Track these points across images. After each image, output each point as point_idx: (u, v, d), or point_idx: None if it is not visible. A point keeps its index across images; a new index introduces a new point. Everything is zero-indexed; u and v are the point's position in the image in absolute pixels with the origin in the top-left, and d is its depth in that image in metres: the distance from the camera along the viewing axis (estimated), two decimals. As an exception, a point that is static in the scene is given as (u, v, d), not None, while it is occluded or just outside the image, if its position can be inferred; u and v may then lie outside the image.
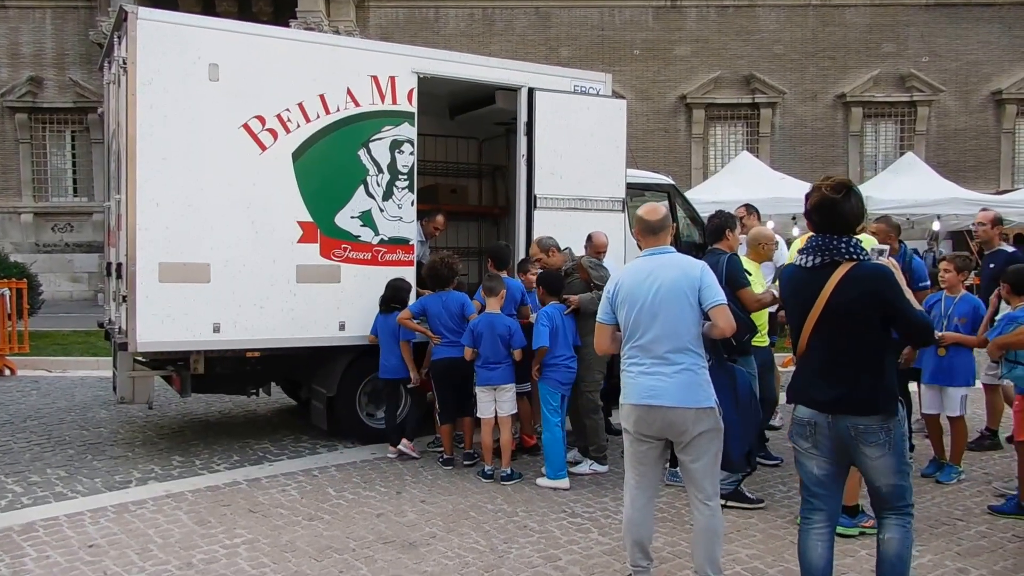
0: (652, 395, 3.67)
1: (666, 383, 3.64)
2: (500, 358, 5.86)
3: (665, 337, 3.67)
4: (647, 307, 3.71)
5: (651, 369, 3.69)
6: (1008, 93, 20.71)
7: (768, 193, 12.69)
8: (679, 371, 3.64)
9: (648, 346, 3.71)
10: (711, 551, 3.71)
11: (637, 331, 3.74)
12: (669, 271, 3.73)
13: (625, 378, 3.82)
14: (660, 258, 3.81)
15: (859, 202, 3.36)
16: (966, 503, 5.24)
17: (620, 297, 3.82)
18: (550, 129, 6.91)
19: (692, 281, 3.67)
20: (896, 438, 3.25)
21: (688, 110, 20.29)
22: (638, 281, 3.77)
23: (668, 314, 3.67)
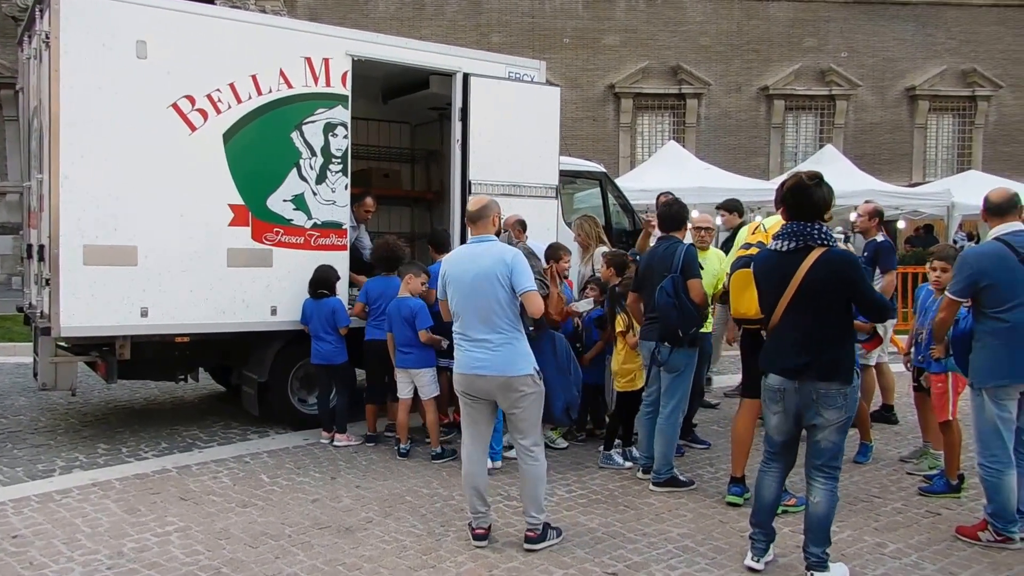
0: (478, 366, 4.25)
1: (489, 355, 4.22)
2: (411, 342, 5.94)
3: (488, 314, 4.22)
4: (466, 290, 4.26)
5: (475, 344, 4.26)
6: (921, 89, 21.62)
7: (694, 182, 12.97)
8: (498, 345, 4.22)
9: (471, 324, 4.26)
10: (535, 494, 4.33)
11: (461, 311, 4.31)
12: (485, 259, 4.25)
13: (457, 351, 4.37)
14: (480, 246, 4.33)
15: (829, 193, 3.84)
16: (882, 481, 5.52)
17: (448, 279, 4.37)
18: (485, 115, 6.91)
19: (504, 268, 4.19)
20: (851, 403, 3.80)
21: (616, 99, 20.53)
22: (460, 267, 4.33)
23: (485, 296, 4.21)
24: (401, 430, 6.07)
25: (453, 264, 4.42)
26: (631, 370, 5.73)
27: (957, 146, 22.28)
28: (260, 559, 4.14)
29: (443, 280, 4.41)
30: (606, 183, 8.87)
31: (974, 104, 22.00)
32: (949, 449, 5.20)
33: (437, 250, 6.70)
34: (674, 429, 5.34)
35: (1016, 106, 22.13)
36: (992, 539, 4.36)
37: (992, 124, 22.09)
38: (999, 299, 4.29)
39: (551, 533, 4.38)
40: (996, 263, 4.32)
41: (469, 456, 4.42)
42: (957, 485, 5.17)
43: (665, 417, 5.27)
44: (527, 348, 4.32)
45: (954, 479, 5.17)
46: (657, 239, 5.57)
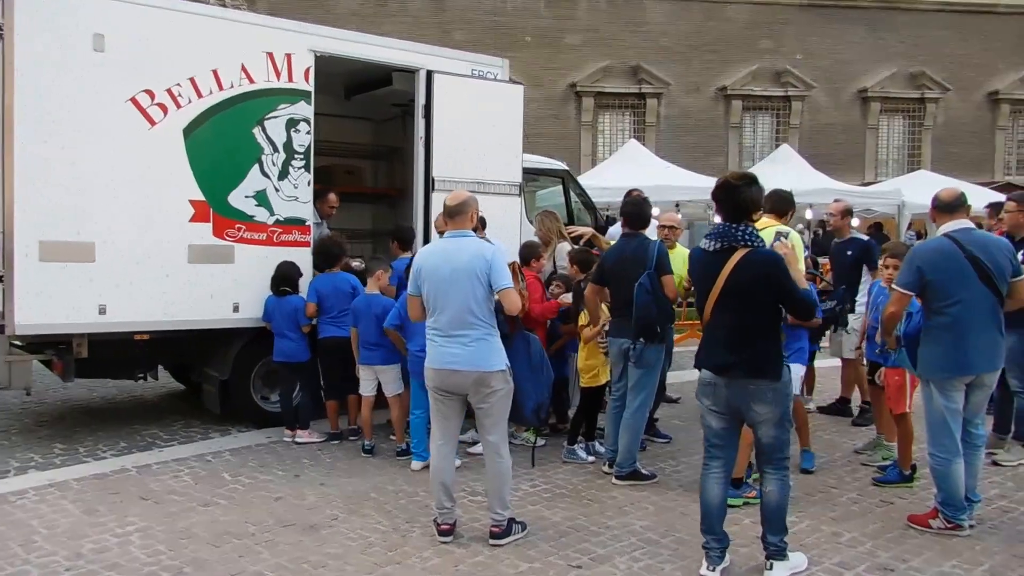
0: (452, 361, 4.25)
1: (463, 351, 4.22)
2: (378, 339, 5.94)
3: (459, 311, 4.21)
4: (444, 285, 4.24)
5: (450, 339, 4.25)
6: (873, 91, 22.11)
7: (654, 181, 13.09)
8: (473, 341, 4.22)
9: (448, 318, 4.25)
10: (500, 491, 4.36)
11: (437, 305, 4.28)
12: (463, 254, 4.24)
13: (430, 346, 4.36)
14: (458, 241, 4.32)
15: (758, 194, 3.90)
16: (838, 472, 5.66)
17: (422, 275, 4.33)
18: (449, 112, 6.91)
19: (483, 264, 4.20)
20: (782, 397, 3.81)
21: (578, 98, 20.64)
22: (436, 262, 4.31)
23: (462, 292, 4.20)
24: (366, 427, 6.06)
25: (429, 259, 4.39)
26: (594, 366, 5.78)
27: (907, 147, 22.84)
28: (223, 558, 4.11)
29: (417, 275, 4.38)
30: (569, 181, 8.93)
31: (923, 106, 22.57)
32: (902, 440, 5.34)
33: (402, 247, 6.72)
34: (640, 423, 5.42)
35: (962, 108, 22.76)
36: (942, 526, 4.50)
37: (940, 126, 22.68)
38: (945, 293, 4.42)
39: (516, 528, 4.41)
40: (943, 258, 4.45)
41: (439, 450, 4.44)
42: (910, 475, 5.32)
43: (632, 411, 5.34)
44: (500, 345, 4.34)
45: (907, 469, 5.33)
46: (622, 236, 5.61)
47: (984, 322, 4.44)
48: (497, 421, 4.36)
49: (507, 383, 4.33)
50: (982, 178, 20.29)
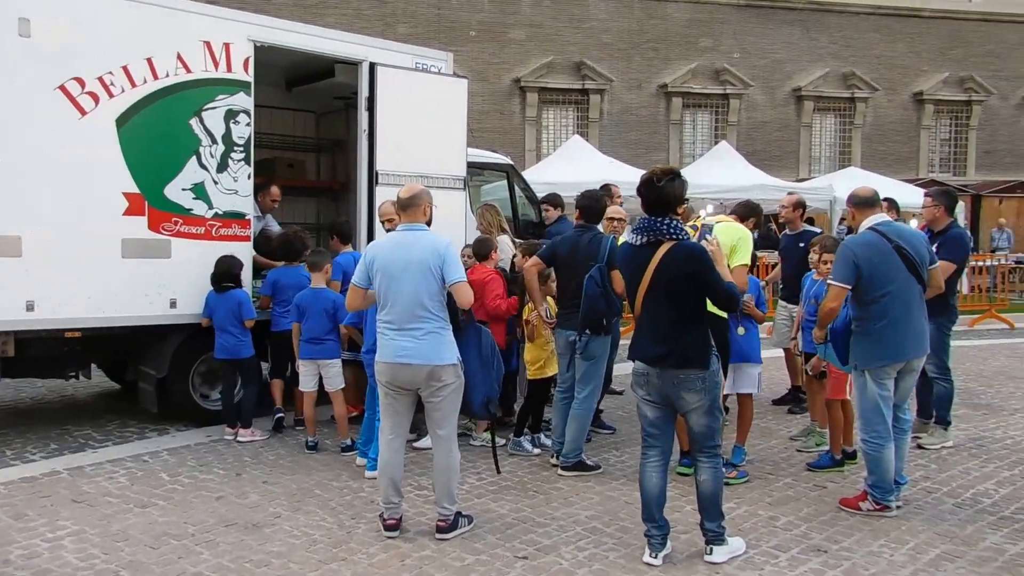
0: (404, 355, 4.23)
1: (415, 344, 4.21)
2: (325, 333, 5.92)
3: (411, 305, 4.20)
4: (396, 278, 4.22)
5: (401, 332, 4.24)
6: (807, 90, 22.70)
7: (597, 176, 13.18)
8: (425, 334, 4.21)
9: (399, 311, 4.23)
10: (448, 485, 4.37)
11: (388, 298, 4.26)
12: (416, 247, 4.24)
13: (381, 339, 4.34)
14: (411, 234, 4.31)
15: (680, 188, 3.96)
16: (775, 459, 5.82)
17: (376, 267, 4.31)
18: (392, 105, 6.86)
19: (437, 258, 4.20)
20: (710, 386, 3.92)
21: (522, 93, 20.70)
22: (389, 254, 4.29)
23: (414, 285, 4.19)
24: (309, 423, 6.00)
25: (382, 251, 4.36)
26: (540, 357, 5.83)
27: (839, 144, 23.54)
28: (162, 560, 4.02)
29: (368, 267, 4.35)
30: (513, 175, 8.96)
31: (853, 105, 23.27)
32: (835, 427, 5.52)
33: (343, 241, 6.67)
34: (588, 415, 5.49)
35: (890, 108, 23.54)
36: (872, 508, 4.68)
37: (869, 124, 23.43)
38: (876, 284, 4.58)
39: (462, 521, 4.42)
40: (874, 250, 4.61)
41: (389, 445, 4.42)
42: (841, 460, 5.50)
43: (580, 402, 5.40)
44: (452, 338, 4.34)
45: (838, 454, 5.50)
46: (575, 227, 5.66)
47: (912, 310, 4.63)
48: (448, 415, 4.36)
49: (458, 377, 4.33)
50: (908, 175, 21.06)
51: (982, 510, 4.80)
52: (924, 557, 4.13)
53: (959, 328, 11.25)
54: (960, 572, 3.97)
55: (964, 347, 10.48)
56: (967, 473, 5.49)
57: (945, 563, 4.06)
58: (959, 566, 4.03)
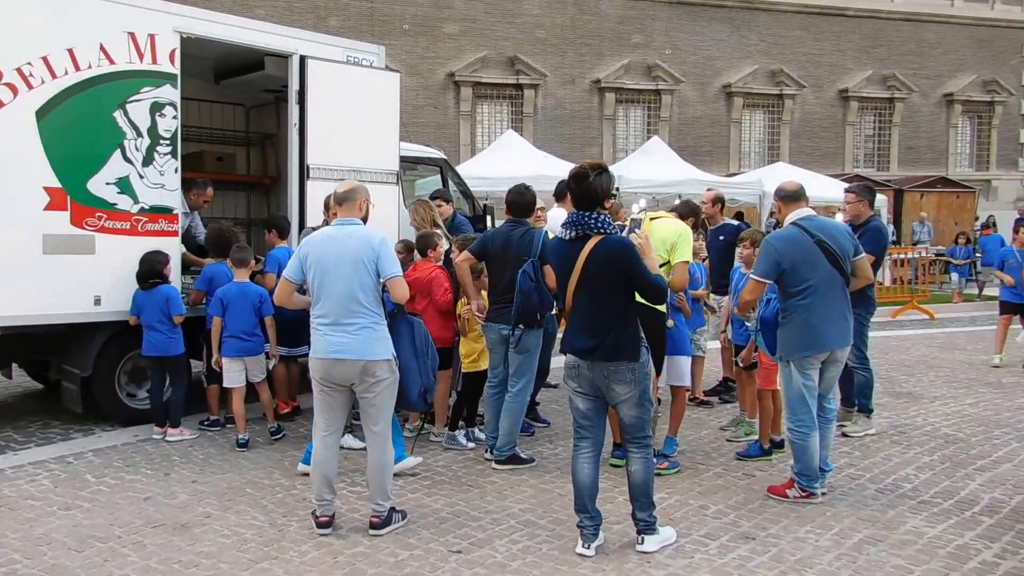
0: (338, 350, 4.19)
1: (349, 339, 4.18)
2: (252, 328, 5.91)
3: (345, 300, 4.18)
4: (329, 273, 4.19)
5: (336, 327, 4.20)
6: (736, 87, 23.20)
7: (532, 171, 13.28)
8: (359, 329, 4.19)
9: (332, 306, 4.20)
10: (382, 482, 4.35)
11: (322, 293, 4.23)
12: (350, 241, 4.22)
13: (314, 335, 4.30)
14: (346, 229, 4.29)
15: (607, 182, 4.01)
16: (705, 449, 5.95)
17: (309, 262, 4.27)
18: (323, 99, 6.77)
19: (371, 252, 4.18)
20: (640, 378, 3.99)
21: (456, 87, 20.64)
22: (323, 249, 4.26)
23: (348, 280, 4.17)
24: (239, 420, 5.92)
25: (316, 246, 4.31)
26: (474, 351, 5.85)
27: (767, 140, 24.13)
28: (87, 563, 3.92)
29: (302, 261, 4.31)
30: (447, 170, 8.95)
31: (781, 102, 23.88)
32: (765, 416, 5.68)
33: (280, 235, 6.63)
34: (521, 408, 5.52)
35: (817, 104, 24.24)
36: (799, 495, 4.83)
37: (797, 120, 24.08)
38: (798, 278, 4.73)
39: (395, 517, 4.41)
40: (794, 246, 4.76)
41: (323, 442, 4.38)
42: (769, 449, 5.66)
43: (513, 396, 5.43)
44: (387, 333, 4.33)
45: (767, 444, 5.67)
46: (507, 222, 5.69)
47: (834, 301, 4.78)
48: (382, 411, 4.34)
49: (393, 372, 4.32)
50: (834, 170, 21.72)
51: (903, 495, 5.00)
52: (848, 541, 4.27)
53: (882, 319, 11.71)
54: (882, 555, 4.12)
55: (887, 337, 10.88)
56: (889, 459, 5.71)
57: (868, 547, 4.22)
58: (880, 549, 4.19)
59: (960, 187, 22.90)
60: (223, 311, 5.89)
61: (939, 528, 4.49)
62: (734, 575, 3.90)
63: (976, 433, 6.38)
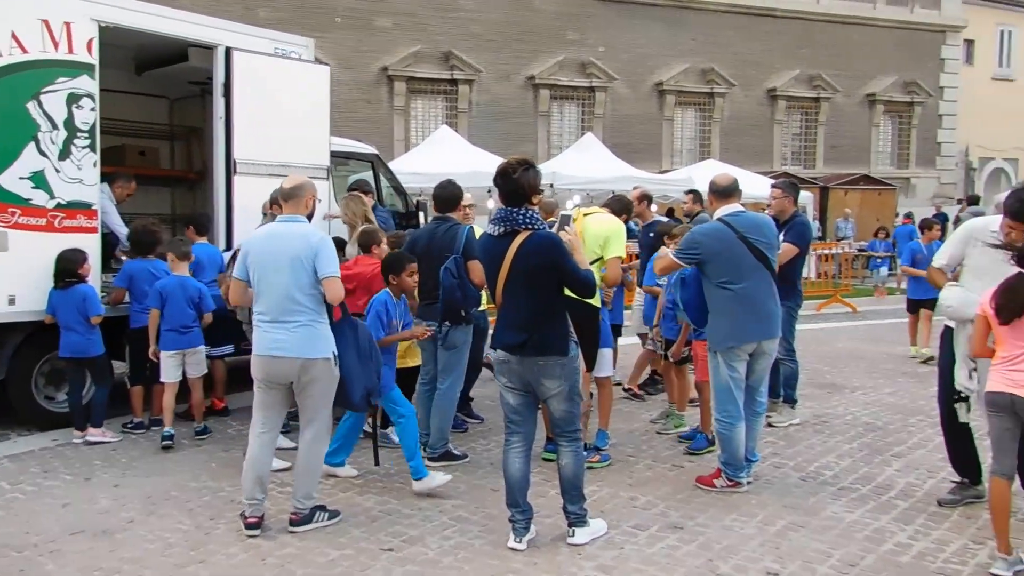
0: (277, 347, 4.18)
1: (288, 337, 4.16)
2: (190, 321, 5.86)
3: (285, 296, 4.16)
4: (269, 270, 4.19)
5: (275, 325, 4.18)
6: (668, 85, 23.52)
7: (467, 167, 13.25)
8: (299, 327, 4.16)
9: (272, 304, 4.19)
10: (308, 480, 4.32)
11: (262, 290, 4.23)
12: (289, 239, 4.19)
13: (256, 332, 4.29)
14: (287, 226, 4.27)
15: (534, 178, 4.02)
16: (636, 442, 6.04)
17: (250, 259, 4.27)
18: (250, 92, 6.63)
19: (309, 250, 4.14)
20: (569, 372, 4.03)
21: (390, 82, 20.42)
22: (263, 246, 4.26)
23: (286, 277, 4.14)
24: (167, 412, 5.82)
25: (257, 243, 4.31)
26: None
27: (699, 137, 24.53)
28: (1, 574, 3.76)
29: (244, 257, 4.31)
30: (378, 165, 8.86)
31: (712, 100, 24.30)
32: (705, 407, 5.75)
33: (198, 232, 6.50)
34: (451, 404, 5.52)
35: (746, 103, 24.75)
36: (726, 485, 4.94)
37: (727, 119, 24.54)
38: (721, 272, 4.85)
39: (319, 515, 4.37)
40: (716, 240, 4.88)
41: (259, 439, 4.33)
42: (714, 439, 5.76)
43: (443, 393, 5.43)
44: (328, 333, 4.28)
45: (711, 434, 5.76)
46: (433, 219, 5.68)
47: (760, 294, 4.90)
48: (318, 410, 4.32)
49: (331, 372, 4.28)
50: (763, 167, 22.22)
51: (824, 482, 5.16)
52: (772, 528, 4.40)
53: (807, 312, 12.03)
54: (803, 540, 4.25)
55: (811, 330, 11.20)
56: (811, 448, 5.88)
57: (791, 533, 4.34)
58: (802, 535, 4.32)
59: (882, 185, 23.72)
60: (162, 305, 5.81)
61: (857, 513, 4.65)
62: (662, 564, 3.97)
63: (894, 421, 6.62)
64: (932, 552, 4.14)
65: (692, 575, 3.87)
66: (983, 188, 28.59)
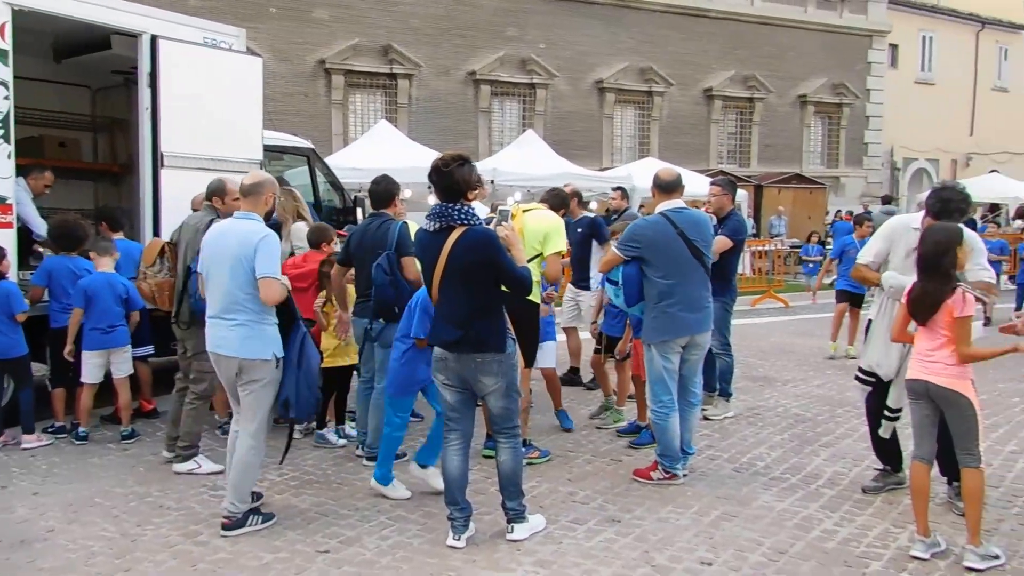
0: (218, 344, 4.23)
1: (228, 335, 4.17)
2: (117, 319, 5.71)
3: (226, 293, 4.17)
4: (214, 265, 4.23)
5: (219, 321, 4.22)
6: (608, 83, 23.71)
7: (407, 163, 13.12)
8: (236, 325, 4.16)
9: (216, 300, 4.23)
10: (243, 483, 4.24)
11: (210, 286, 4.29)
12: (236, 236, 4.18)
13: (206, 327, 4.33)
14: (238, 223, 4.27)
15: (469, 173, 3.99)
16: (575, 437, 6.05)
17: (203, 254, 4.36)
18: (178, 82, 6.40)
19: (248, 249, 4.11)
20: (507, 369, 4.01)
21: (327, 75, 20.09)
22: (213, 242, 4.29)
23: (227, 274, 4.15)
24: (84, 414, 5.70)
25: (209, 238, 4.36)
26: (331, 346, 5.72)
27: (638, 136, 24.81)
28: (-93, 588, 3.57)
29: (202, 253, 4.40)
30: (314, 160, 8.70)
31: (651, 99, 24.60)
32: (641, 400, 5.80)
33: (112, 227, 6.32)
34: None
35: (684, 102, 25.12)
36: (662, 477, 4.99)
37: (665, 117, 24.87)
38: (658, 265, 4.90)
39: (253, 519, 4.26)
40: (656, 233, 4.94)
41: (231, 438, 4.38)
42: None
43: (380, 391, 5.32)
44: (271, 333, 4.23)
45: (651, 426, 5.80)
46: (368, 216, 5.61)
47: (694, 289, 4.97)
48: (255, 411, 4.24)
49: (271, 374, 4.21)
50: (700, 166, 22.60)
51: (756, 473, 5.25)
52: (706, 519, 4.45)
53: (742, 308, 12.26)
54: (736, 530, 4.32)
55: (745, 325, 11.40)
56: (744, 440, 5.98)
57: (724, 523, 4.41)
58: (735, 524, 4.39)
59: (813, 183, 24.35)
60: (87, 304, 5.60)
61: (787, 502, 4.74)
62: (600, 557, 3.98)
63: (822, 412, 6.78)
64: (856, 537, 4.25)
65: (629, 567, 3.89)
66: (907, 187, 29.66)
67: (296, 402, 4.29)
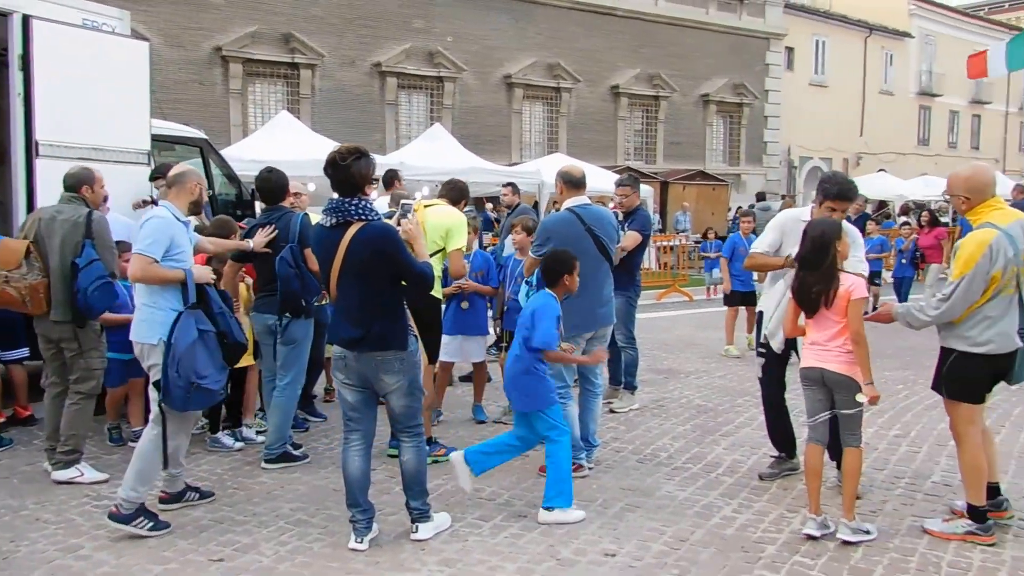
0: None
1: (136, 319, 4.29)
2: None
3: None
4: None
5: None
6: (516, 78, 23.77)
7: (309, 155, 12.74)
8: (138, 311, 4.28)
9: None
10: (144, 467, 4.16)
11: None
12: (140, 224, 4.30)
13: None
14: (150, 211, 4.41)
15: (367, 167, 3.86)
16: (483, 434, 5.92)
17: None
18: (54, 66, 5.98)
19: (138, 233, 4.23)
20: (409, 367, 3.92)
21: (225, 63, 19.36)
22: None
23: None
24: None
25: None
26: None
27: (547, 131, 24.98)
28: None
29: None
30: (208, 151, 8.34)
31: (559, 95, 24.80)
32: None
33: None
34: (291, 402, 5.25)
35: (591, 99, 25.43)
36: (569, 470, 4.98)
37: (573, 113, 25.13)
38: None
39: (143, 523, 4.07)
40: (566, 229, 5.01)
41: None
42: None
43: (281, 390, 5.16)
44: (159, 317, 4.17)
45: None
46: (263, 211, 5.41)
47: (599, 285, 5.07)
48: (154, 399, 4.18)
49: (158, 359, 4.11)
50: (607, 162, 22.91)
51: (660, 463, 5.32)
52: (610, 511, 4.48)
53: (647, 301, 12.48)
54: (639, 520, 4.35)
55: (651, 318, 11.61)
56: (649, 432, 6.05)
57: (628, 514, 4.44)
58: (638, 515, 4.43)
59: (715, 180, 25.08)
60: None
61: (689, 491, 4.82)
62: (505, 553, 3.94)
63: (723, 403, 6.94)
64: (753, 523, 4.35)
65: (534, 562, 3.86)
66: (803, 185, 30.88)
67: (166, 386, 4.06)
